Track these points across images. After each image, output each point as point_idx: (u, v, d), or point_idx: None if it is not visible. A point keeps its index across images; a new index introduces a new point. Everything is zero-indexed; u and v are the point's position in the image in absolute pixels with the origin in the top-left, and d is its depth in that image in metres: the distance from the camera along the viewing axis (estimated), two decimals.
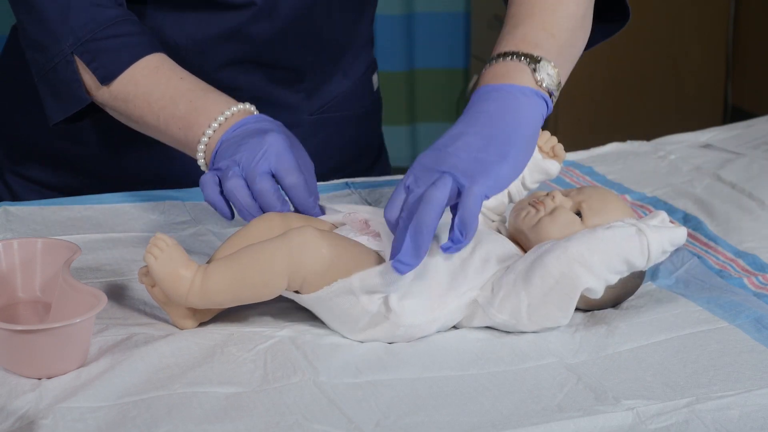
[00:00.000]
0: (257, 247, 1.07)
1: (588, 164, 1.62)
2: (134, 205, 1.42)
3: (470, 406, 0.98)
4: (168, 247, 1.06)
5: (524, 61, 1.13)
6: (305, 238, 1.06)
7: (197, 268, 1.07)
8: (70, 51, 1.31)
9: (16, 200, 1.54)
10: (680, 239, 1.12)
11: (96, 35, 1.30)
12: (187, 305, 1.07)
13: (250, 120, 1.24)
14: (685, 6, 3.25)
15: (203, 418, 0.95)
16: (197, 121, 1.25)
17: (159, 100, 1.28)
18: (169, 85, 1.29)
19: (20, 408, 0.96)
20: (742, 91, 3.31)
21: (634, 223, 1.10)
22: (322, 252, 1.06)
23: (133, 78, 1.30)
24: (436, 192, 1.03)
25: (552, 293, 1.08)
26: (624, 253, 1.09)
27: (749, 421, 0.97)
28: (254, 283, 1.06)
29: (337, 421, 0.95)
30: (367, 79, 1.62)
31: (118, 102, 1.31)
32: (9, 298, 1.12)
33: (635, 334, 1.10)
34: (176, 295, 1.06)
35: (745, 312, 1.14)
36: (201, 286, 1.06)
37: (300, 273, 1.06)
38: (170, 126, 1.28)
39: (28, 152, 1.55)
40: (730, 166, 1.57)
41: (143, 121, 1.31)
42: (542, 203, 1.17)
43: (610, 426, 0.95)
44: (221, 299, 1.07)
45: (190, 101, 1.27)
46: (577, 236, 1.10)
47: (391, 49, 3.92)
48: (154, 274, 1.06)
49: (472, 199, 1.03)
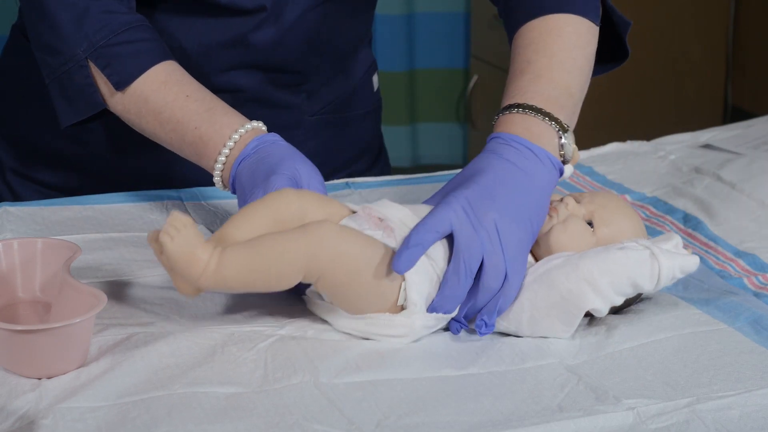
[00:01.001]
0: (276, 237, 1.05)
1: (588, 164, 1.62)
2: (134, 205, 1.42)
3: (470, 406, 0.98)
4: (185, 227, 1.03)
5: (554, 126, 1.17)
6: (324, 234, 1.05)
7: (212, 251, 1.04)
8: (84, 56, 1.30)
9: (16, 200, 1.53)
10: (691, 267, 1.12)
11: (110, 41, 1.30)
12: (198, 287, 1.05)
13: (264, 142, 1.22)
14: (685, 6, 3.25)
15: (203, 419, 0.95)
16: (206, 152, 1.25)
17: (168, 122, 1.28)
18: (175, 107, 1.28)
19: (20, 408, 0.96)
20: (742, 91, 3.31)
21: (648, 246, 1.10)
22: (340, 249, 1.05)
23: (142, 94, 1.30)
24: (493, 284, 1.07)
25: (556, 308, 1.08)
26: (634, 276, 1.09)
27: (749, 421, 0.97)
28: (269, 273, 1.05)
29: (337, 421, 0.95)
30: (367, 79, 1.62)
31: (131, 116, 1.32)
32: (9, 298, 1.12)
33: (635, 333, 1.10)
34: (189, 277, 1.03)
35: (744, 314, 1.14)
36: (215, 271, 1.03)
37: (317, 268, 1.05)
38: (183, 149, 1.29)
39: (29, 152, 1.55)
40: (730, 166, 1.57)
41: (157, 137, 1.31)
42: (555, 210, 1.16)
43: (610, 426, 0.95)
44: (234, 285, 1.05)
45: (195, 128, 1.26)
46: (590, 255, 1.10)
47: (391, 49, 3.92)
48: (169, 255, 1.03)
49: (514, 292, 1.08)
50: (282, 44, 1.44)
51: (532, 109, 1.17)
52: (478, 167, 1.13)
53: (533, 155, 1.14)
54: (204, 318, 1.12)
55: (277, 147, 1.22)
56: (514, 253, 1.08)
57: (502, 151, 1.14)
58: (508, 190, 1.10)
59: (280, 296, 1.17)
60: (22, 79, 1.53)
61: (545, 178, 1.14)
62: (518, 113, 1.18)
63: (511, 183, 1.11)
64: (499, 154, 1.14)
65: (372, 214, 1.12)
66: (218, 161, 1.23)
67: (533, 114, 1.17)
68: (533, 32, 1.26)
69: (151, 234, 1.06)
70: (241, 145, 1.23)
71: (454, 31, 3.96)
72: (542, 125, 1.17)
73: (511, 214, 1.09)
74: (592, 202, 1.18)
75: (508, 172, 1.12)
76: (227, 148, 1.23)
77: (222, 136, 1.24)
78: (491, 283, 1.07)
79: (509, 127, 1.17)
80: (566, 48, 1.25)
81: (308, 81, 1.51)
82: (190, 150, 1.27)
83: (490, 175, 1.11)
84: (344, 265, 1.05)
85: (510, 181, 1.11)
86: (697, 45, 3.29)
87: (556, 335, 1.09)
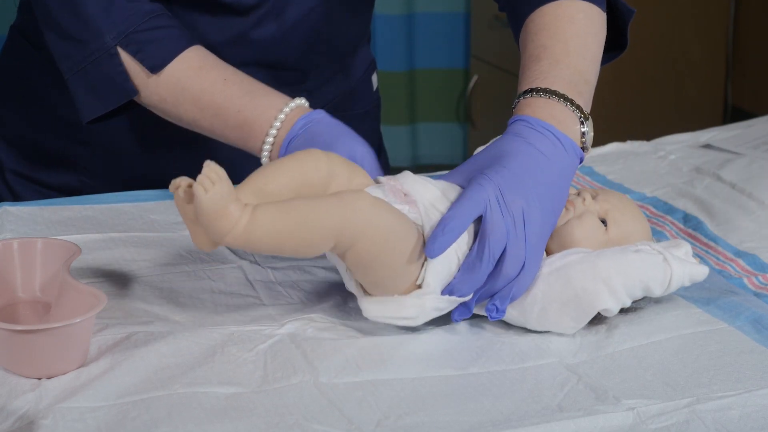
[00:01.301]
0: (310, 203, 1.03)
1: (588, 164, 1.62)
2: (134, 205, 1.42)
3: (470, 405, 0.98)
4: (220, 180, 0.99)
5: (576, 113, 1.16)
6: (360, 204, 1.03)
7: (244, 207, 1.00)
8: (114, 44, 1.30)
9: (16, 200, 1.53)
10: (701, 277, 1.12)
11: (138, 27, 1.30)
12: (223, 244, 1.01)
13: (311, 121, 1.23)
14: (685, 6, 3.25)
15: (203, 419, 0.95)
16: (252, 135, 1.25)
17: (209, 108, 1.28)
18: (215, 91, 1.28)
19: (20, 408, 0.96)
20: (742, 91, 3.30)
21: (661, 251, 1.11)
22: (374, 221, 1.03)
23: (179, 81, 1.29)
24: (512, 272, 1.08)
25: (570, 304, 1.08)
26: (647, 280, 1.10)
27: (749, 422, 0.97)
28: (301, 239, 1.02)
29: (337, 421, 0.95)
30: (367, 78, 1.62)
31: (167, 105, 1.31)
32: (9, 298, 1.12)
33: (635, 333, 1.10)
34: (216, 231, 1.00)
35: (744, 313, 1.14)
36: (245, 229, 1.00)
37: (350, 237, 1.03)
38: (226, 134, 1.28)
39: (29, 152, 1.55)
40: (730, 166, 1.57)
41: (197, 125, 1.31)
42: (572, 204, 1.16)
43: (610, 426, 0.95)
44: (262, 246, 1.02)
45: (238, 111, 1.26)
46: (607, 254, 1.10)
47: (391, 49, 3.92)
48: (202, 206, 0.98)
49: (529, 281, 1.09)
50: (284, 41, 1.44)
51: (556, 94, 1.16)
52: (506, 149, 1.12)
53: (559, 143, 1.13)
54: (204, 318, 1.12)
55: (326, 125, 1.22)
56: (535, 242, 1.08)
57: (529, 135, 1.13)
58: (535, 178, 1.10)
59: (280, 296, 1.17)
60: (21, 80, 1.53)
61: (568, 166, 1.13)
62: (542, 98, 1.16)
63: (538, 171, 1.10)
64: (526, 138, 1.13)
65: (397, 186, 1.11)
66: (266, 142, 1.23)
67: (557, 99, 1.16)
68: (545, 18, 1.25)
69: (176, 181, 1.02)
70: (288, 124, 1.23)
71: (454, 31, 3.96)
72: (566, 111, 1.15)
73: (536, 203, 1.09)
74: (607, 201, 1.18)
75: (534, 158, 1.11)
76: (274, 128, 1.23)
77: (267, 118, 1.24)
78: (510, 270, 1.07)
79: (534, 111, 1.15)
80: (580, 34, 1.24)
81: (308, 79, 1.51)
82: (235, 134, 1.26)
83: (518, 161, 1.10)
84: (376, 237, 1.03)
85: (537, 168, 1.10)
86: (697, 45, 3.28)
87: (563, 331, 1.09)
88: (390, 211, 1.06)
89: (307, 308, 1.14)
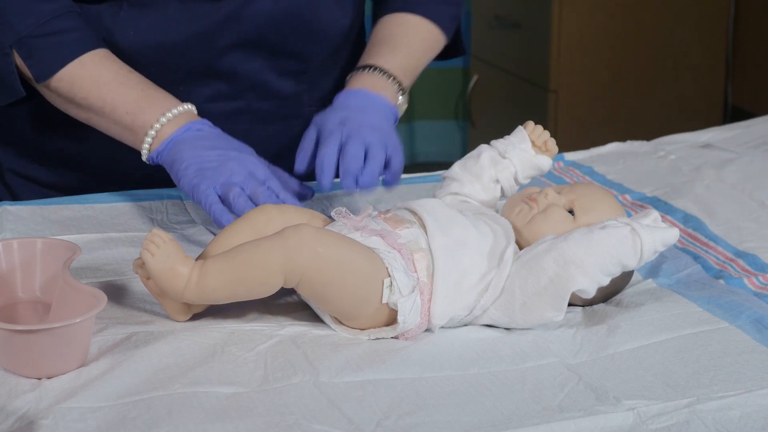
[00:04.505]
0: (254, 245, 1.07)
1: (588, 164, 1.62)
2: (134, 204, 1.42)
3: (471, 406, 0.98)
4: (164, 243, 1.06)
5: (399, 91, 1.46)
6: (301, 237, 1.05)
7: (194, 264, 1.07)
8: (8, 44, 1.32)
9: (16, 200, 1.53)
10: (672, 239, 1.13)
11: (34, 32, 1.32)
12: (183, 301, 1.08)
13: (193, 127, 1.32)
14: (685, 6, 3.25)
15: (203, 419, 0.95)
16: (150, 108, 1.31)
17: (108, 84, 1.33)
18: (119, 73, 1.34)
19: (20, 408, 0.96)
20: (742, 91, 3.30)
21: (627, 222, 1.11)
22: (317, 251, 1.05)
23: (80, 62, 1.33)
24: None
25: (546, 293, 1.09)
26: (617, 254, 1.10)
27: (750, 422, 0.97)
28: (251, 280, 1.06)
29: (337, 421, 0.95)
30: None
31: (62, 83, 1.34)
32: (9, 298, 1.12)
33: (636, 334, 1.10)
34: (173, 291, 1.06)
35: (745, 312, 1.14)
36: (197, 283, 1.06)
37: (296, 272, 1.05)
38: (117, 109, 1.33)
39: (28, 152, 1.55)
40: (730, 166, 1.57)
41: (86, 102, 1.34)
42: (535, 200, 1.17)
43: (610, 426, 0.95)
44: (218, 296, 1.07)
45: (142, 89, 1.33)
46: (573, 236, 1.10)
47: None
48: (151, 270, 1.06)
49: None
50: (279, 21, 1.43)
51: (383, 71, 1.43)
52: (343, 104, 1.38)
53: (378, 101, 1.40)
54: (204, 318, 1.12)
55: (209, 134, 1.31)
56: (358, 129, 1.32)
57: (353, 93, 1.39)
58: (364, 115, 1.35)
59: (280, 295, 1.17)
60: (21, 79, 1.52)
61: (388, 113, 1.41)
62: (372, 72, 1.43)
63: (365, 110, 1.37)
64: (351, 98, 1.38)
65: (350, 217, 1.13)
66: (165, 116, 1.30)
67: (383, 75, 1.43)
68: (400, 18, 1.51)
69: (135, 261, 1.10)
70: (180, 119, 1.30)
71: None
72: (390, 87, 1.44)
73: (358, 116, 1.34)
74: (573, 191, 1.19)
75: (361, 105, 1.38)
76: (175, 110, 1.31)
77: (171, 99, 1.32)
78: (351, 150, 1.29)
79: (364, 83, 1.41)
80: (423, 43, 1.53)
81: (307, 70, 1.51)
82: (128, 108, 1.33)
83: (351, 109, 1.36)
84: (321, 266, 1.06)
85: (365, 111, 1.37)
86: (697, 45, 3.28)
87: (548, 321, 1.10)
88: (334, 238, 1.08)
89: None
